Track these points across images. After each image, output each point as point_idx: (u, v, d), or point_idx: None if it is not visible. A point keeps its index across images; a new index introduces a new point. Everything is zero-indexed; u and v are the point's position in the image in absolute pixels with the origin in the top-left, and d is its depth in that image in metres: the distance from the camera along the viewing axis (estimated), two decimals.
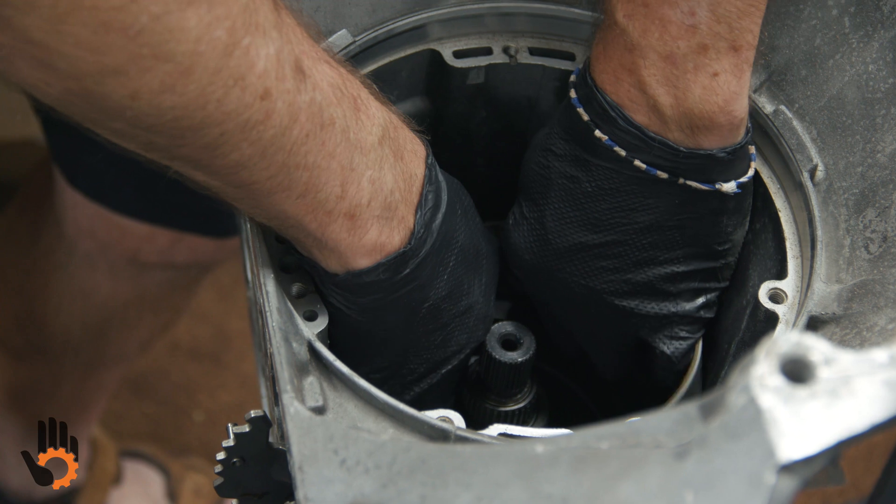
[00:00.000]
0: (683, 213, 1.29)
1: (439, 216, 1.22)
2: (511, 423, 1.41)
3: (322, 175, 1.07)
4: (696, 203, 1.28)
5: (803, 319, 1.21)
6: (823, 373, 0.86)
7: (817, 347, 0.87)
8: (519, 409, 1.43)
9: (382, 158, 1.15)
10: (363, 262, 1.16)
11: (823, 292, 1.23)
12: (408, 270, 1.20)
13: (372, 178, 1.13)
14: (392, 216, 1.17)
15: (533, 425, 1.46)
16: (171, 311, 2.58)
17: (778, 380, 0.86)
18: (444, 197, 1.24)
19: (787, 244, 1.30)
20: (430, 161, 1.24)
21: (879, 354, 0.87)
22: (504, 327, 1.39)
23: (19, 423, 2.68)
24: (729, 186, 1.26)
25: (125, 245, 2.18)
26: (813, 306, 1.22)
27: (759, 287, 1.26)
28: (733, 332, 1.37)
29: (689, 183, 1.26)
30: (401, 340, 1.29)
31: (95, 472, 2.81)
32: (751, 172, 1.29)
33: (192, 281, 2.51)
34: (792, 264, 1.28)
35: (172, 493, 2.84)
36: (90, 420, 2.79)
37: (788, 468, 0.83)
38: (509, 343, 1.39)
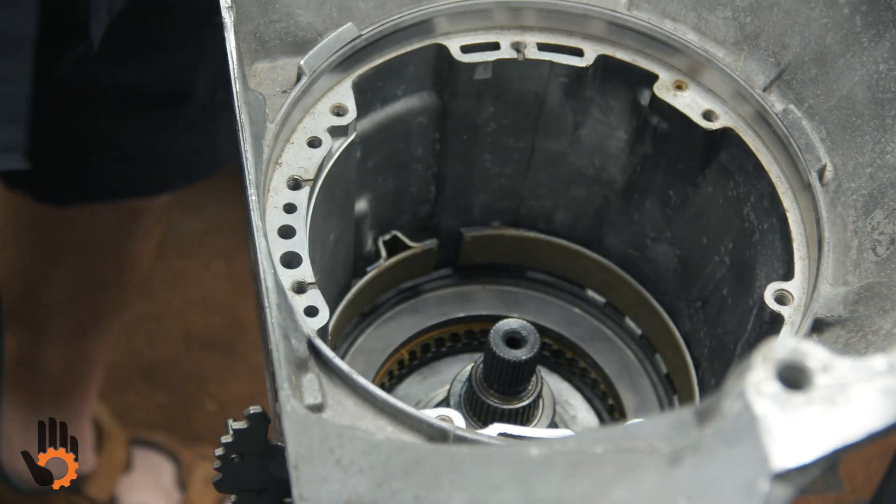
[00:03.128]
0: None
1: None
2: (514, 421, 1.41)
3: None
4: None
5: (808, 322, 1.20)
6: (821, 380, 0.86)
7: (815, 354, 0.87)
8: (522, 408, 1.43)
9: None
10: None
11: (830, 294, 1.23)
12: None
13: None
14: None
15: (536, 424, 1.46)
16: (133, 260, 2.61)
17: (774, 386, 0.86)
18: None
19: (795, 245, 1.29)
20: None
21: (878, 362, 0.87)
22: (508, 325, 1.39)
23: (21, 403, 2.72)
24: None
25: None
26: (819, 308, 1.21)
27: (765, 288, 1.26)
28: (739, 332, 1.37)
29: None
30: None
31: (105, 459, 2.84)
32: None
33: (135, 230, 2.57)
34: (799, 265, 1.28)
35: (183, 481, 2.87)
36: (87, 396, 2.83)
37: (783, 476, 0.83)
38: (514, 341, 1.39)
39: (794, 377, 0.85)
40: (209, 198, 3.52)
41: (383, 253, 1.58)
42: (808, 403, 0.85)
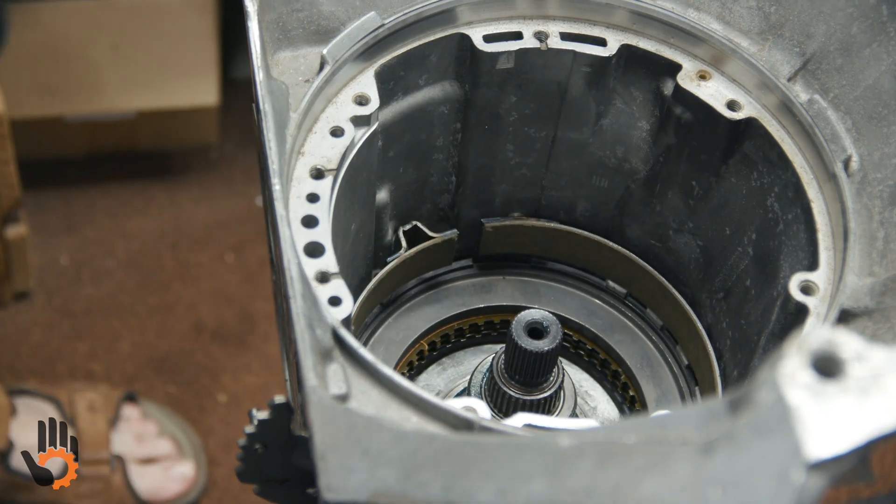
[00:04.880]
0: None
1: None
2: (535, 412, 1.41)
3: None
4: None
5: (834, 313, 1.20)
6: (854, 370, 0.86)
7: (848, 343, 0.87)
8: (544, 399, 1.43)
9: None
10: None
11: (856, 285, 1.23)
12: None
13: None
14: None
15: (558, 415, 1.46)
16: None
17: (808, 376, 0.86)
18: None
19: (820, 235, 1.29)
20: None
21: None
22: (530, 315, 1.39)
23: None
24: None
25: None
26: (845, 299, 1.21)
27: (790, 278, 1.25)
28: (763, 323, 1.37)
29: None
30: None
31: None
32: None
33: None
34: (824, 256, 1.27)
35: (68, 415, 2.89)
36: None
37: (817, 466, 0.83)
38: (536, 331, 1.39)
39: (827, 367, 0.85)
40: (219, 190, 3.54)
41: (403, 243, 1.58)
42: (843, 393, 0.85)
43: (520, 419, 1.14)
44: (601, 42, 1.42)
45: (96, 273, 3.28)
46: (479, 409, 1.10)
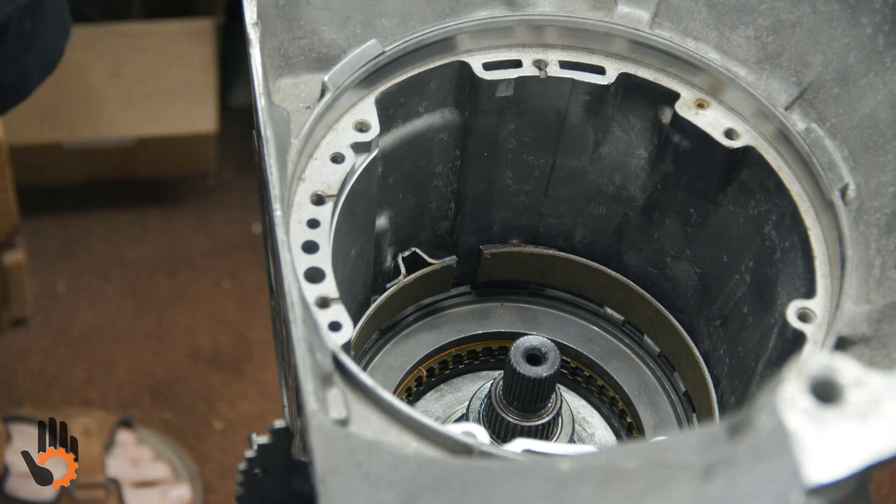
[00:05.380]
0: None
1: None
2: (534, 437, 1.41)
3: None
4: None
5: (832, 339, 1.21)
6: (853, 395, 0.86)
7: (847, 369, 0.87)
8: (543, 424, 1.44)
9: None
10: None
11: (853, 312, 1.23)
12: None
13: None
14: None
15: (556, 440, 1.47)
16: None
17: (807, 401, 0.86)
18: None
19: (817, 263, 1.29)
20: None
21: None
22: (529, 342, 1.39)
23: None
24: None
25: None
26: (842, 326, 1.21)
27: (787, 306, 1.26)
28: (760, 350, 1.37)
29: None
30: None
31: None
32: None
33: None
34: (821, 283, 1.28)
35: (62, 440, 2.91)
36: None
37: (816, 490, 0.83)
38: (534, 358, 1.39)
39: (826, 392, 0.86)
40: (216, 217, 3.54)
41: (402, 269, 1.58)
42: (841, 418, 0.85)
43: (519, 444, 1.14)
44: (600, 70, 1.42)
45: (93, 299, 3.28)
46: (479, 434, 1.11)
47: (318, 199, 1.28)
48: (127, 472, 2.90)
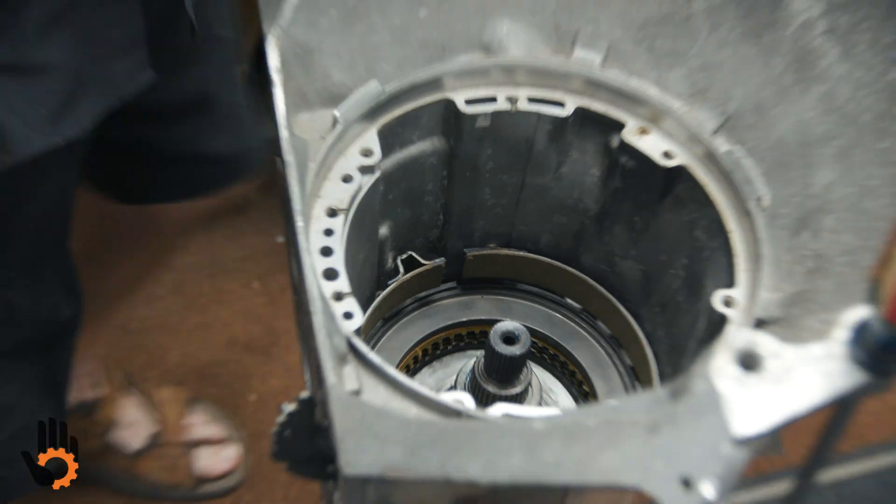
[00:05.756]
0: None
1: None
2: (510, 403, 1.41)
3: None
4: None
5: (751, 321, 1.21)
6: (771, 364, 0.87)
7: (766, 343, 0.87)
8: (517, 393, 1.43)
9: None
10: None
11: (767, 299, 1.23)
12: None
13: None
14: None
15: (528, 405, 1.46)
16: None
17: (733, 369, 0.86)
18: None
19: (738, 260, 1.29)
20: None
21: (817, 349, 0.88)
22: (505, 326, 1.39)
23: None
24: None
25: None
26: (759, 310, 1.21)
27: (713, 294, 1.26)
28: (692, 331, 1.37)
29: None
30: None
31: (111, 391, 2.88)
32: None
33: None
34: (741, 276, 1.28)
35: (155, 404, 2.91)
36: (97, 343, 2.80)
37: (742, 442, 0.84)
38: (509, 339, 1.39)
39: (749, 362, 0.86)
40: (247, 230, 3.54)
41: (401, 269, 1.57)
42: (761, 383, 0.85)
43: (499, 409, 1.14)
44: (560, 104, 1.42)
45: (149, 298, 3.28)
46: (466, 401, 1.10)
47: (332, 213, 1.27)
48: (192, 433, 2.90)
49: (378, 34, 1.38)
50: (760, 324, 1.22)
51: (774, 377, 0.85)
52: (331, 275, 1.22)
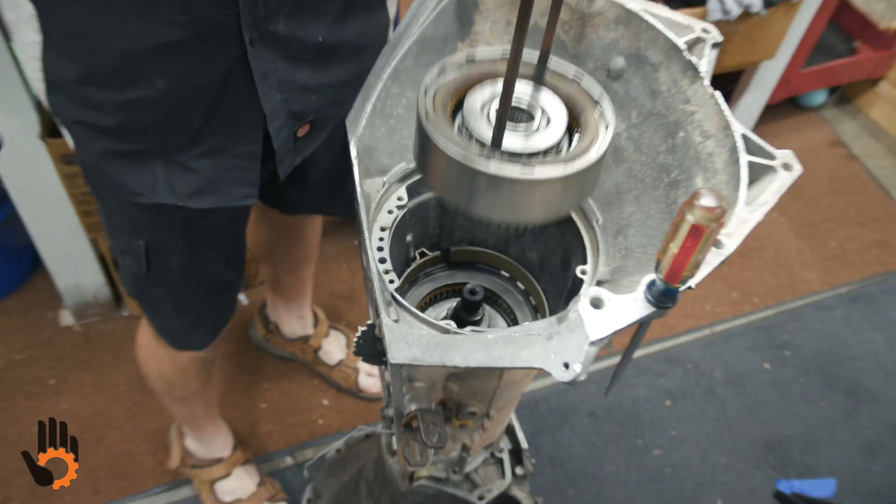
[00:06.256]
0: None
1: None
2: (474, 326, 1.39)
3: None
4: None
5: (595, 281, 1.19)
6: (607, 304, 0.85)
7: (604, 294, 0.86)
8: (477, 320, 1.42)
9: None
10: None
11: (603, 270, 1.22)
12: None
13: None
14: None
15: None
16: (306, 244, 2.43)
17: (588, 307, 0.85)
18: None
19: (589, 250, 1.28)
20: None
21: (629, 296, 0.86)
22: (470, 286, 1.37)
23: (274, 297, 2.62)
24: None
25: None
26: (599, 275, 1.20)
27: (576, 268, 1.25)
28: (566, 287, 1.36)
29: None
30: None
31: (318, 329, 2.77)
32: None
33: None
34: (590, 258, 1.27)
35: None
36: (306, 301, 2.70)
37: (594, 343, 0.82)
38: (473, 292, 1.37)
39: (596, 303, 0.84)
40: (337, 237, 3.51)
41: (417, 257, 1.55)
42: (602, 314, 0.84)
43: (468, 329, 1.12)
44: None
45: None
46: (452, 325, 1.09)
47: (382, 229, 1.26)
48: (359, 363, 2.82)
49: (407, 140, 1.36)
50: (600, 283, 1.21)
51: (609, 311, 0.83)
52: (382, 260, 1.20)
